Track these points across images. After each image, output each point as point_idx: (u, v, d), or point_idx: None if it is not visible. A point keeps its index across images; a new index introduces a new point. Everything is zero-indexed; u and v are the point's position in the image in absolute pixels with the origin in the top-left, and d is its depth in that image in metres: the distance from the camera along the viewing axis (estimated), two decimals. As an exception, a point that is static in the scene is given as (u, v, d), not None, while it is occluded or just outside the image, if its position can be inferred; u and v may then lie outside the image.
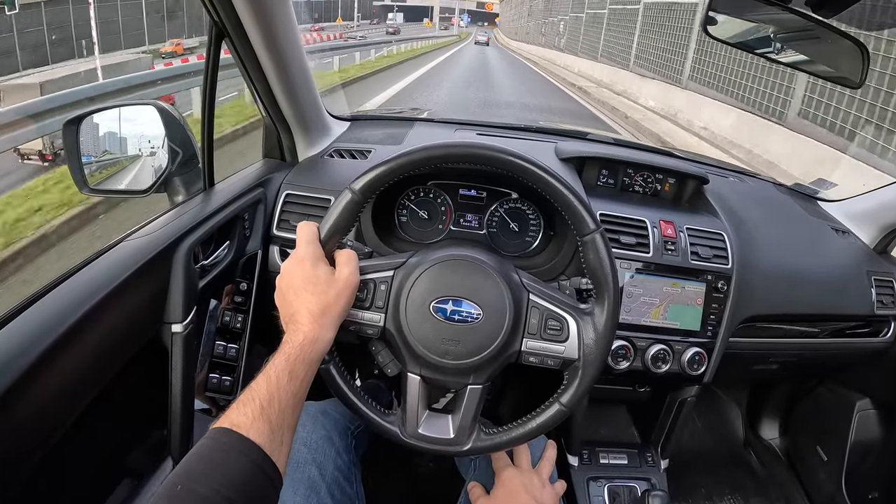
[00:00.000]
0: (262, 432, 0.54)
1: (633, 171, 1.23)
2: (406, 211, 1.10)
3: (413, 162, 0.73)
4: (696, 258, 1.05)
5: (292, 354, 0.61)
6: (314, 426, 0.90)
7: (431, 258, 0.74)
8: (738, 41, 0.96)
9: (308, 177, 1.11)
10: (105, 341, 0.70)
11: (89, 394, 0.69)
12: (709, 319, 1.06)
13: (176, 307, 0.80)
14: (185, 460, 0.51)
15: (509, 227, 1.10)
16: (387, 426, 0.75)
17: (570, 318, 0.74)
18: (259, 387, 0.58)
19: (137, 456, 0.84)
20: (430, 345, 0.71)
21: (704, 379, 1.07)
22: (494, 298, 0.72)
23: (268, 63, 0.95)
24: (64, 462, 0.68)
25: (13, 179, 4.93)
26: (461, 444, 0.74)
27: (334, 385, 0.74)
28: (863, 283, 1.22)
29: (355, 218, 0.74)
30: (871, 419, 1.42)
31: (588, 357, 0.73)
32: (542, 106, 10.49)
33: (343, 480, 0.86)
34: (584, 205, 0.73)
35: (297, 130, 1.14)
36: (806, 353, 1.26)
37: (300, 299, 0.66)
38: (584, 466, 1.26)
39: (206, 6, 0.84)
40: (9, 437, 0.58)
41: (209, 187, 1.00)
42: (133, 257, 0.76)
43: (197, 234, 0.85)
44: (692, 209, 1.19)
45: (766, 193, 1.46)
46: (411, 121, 1.49)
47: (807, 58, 0.96)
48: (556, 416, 0.73)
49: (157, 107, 0.96)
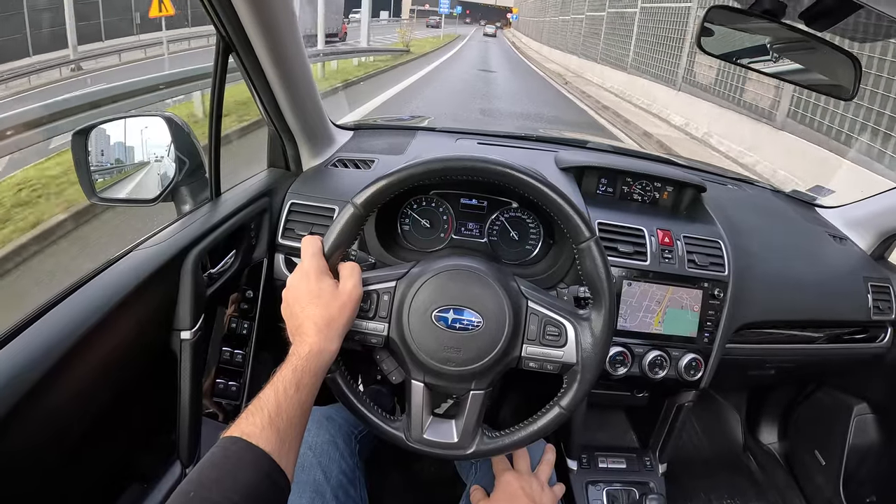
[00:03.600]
0: (271, 441, 0.56)
1: (631, 180, 1.25)
2: (408, 220, 1.12)
3: (413, 176, 0.75)
4: (692, 266, 1.07)
5: (299, 366, 0.64)
6: (319, 430, 0.92)
7: (432, 268, 0.76)
8: (730, 55, 0.98)
9: (312, 186, 1.14)
10: (116, 349, 0.72)
11: (100, 399, 0.71)
12: (705, 326, 1.07)
13: (185, 315, 0.82)
14: (198, 468, 0.53)
15: (509, 236, 1.12)
16: (392, 432, 0.77)
17: (568, 323, 0.76)
18: (267, 397, 0.60)
19: (146, 459, 0.86)
20: (433, 352, 0.73)
21: (701, 385, 1.09)
22: (494, 306, 0.74)
23: (273, 76, 0.97)
24: (75, 466, 0.70)
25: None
26: (465, 447, 0.76)
27: (340, 393, 0.76)
28: (860, 289, 1.23)
29: (358, 231, 0.76)
30: (869, 424, 1.43)
31: (586, 361, 0.75)
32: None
33: (347, 484, 0.88)
34: (578, 213, 0.75)
35: (301, 140, 1.16)
36: (803, 358, 1.27)
37: (306, 312, 0.68)
38: (583, 471, 1.28)
39: (214, 21, 0.86)
40: (24, 443, 0.60)
41: (216, 197, 1.02)
42: (143, 266, 0.78)
43: (204, 243, 0.87)
44: (690, 217, 1.21)
45: (763, 201, 1.48)
46: (413, 130, 1.51)
47: (799, 69, 0.98)
48: (557, 418, 0.75)
49: (165, 118, 0.98)
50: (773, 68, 0.99)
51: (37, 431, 0.61)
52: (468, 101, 10.36)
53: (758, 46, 0.99)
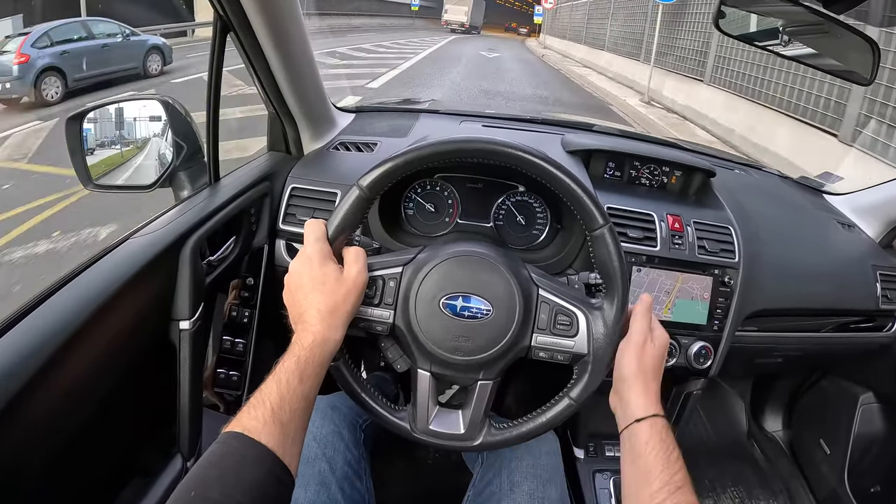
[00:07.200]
0: (274, 435, 0.54)
1: (639, 164, 1.22)
2: (413, 204, 1.10)
3: (421, 158, 0.72)
4: (703, 252, 1.05)
5: (302, 356, 0.61)
6: (324, 421, 0.90)
7: (441, 254, 0.73)
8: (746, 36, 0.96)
9: (314, 170, 1.11)
10: (114, 339, 0.70)
11: (99, 391, 0.69)
12: (715, 313, 1.06)
13: (183, 304, 0.80)
14: (198, 466, 0.51)
15: (516, 220, 1.09)
16: (397, 422, 0.75)
17: (580, 312, 0.73)
18: (269, 390, 0.58)
19: (147, 452, 0.84)
20: (441, 341, 0.71)
21: (710, 373, 1.07)
22: (504, 294, 0.71)
23: (273, 56, 0.94)
24: (74, 458, 0.68)
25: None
26: (472, 439, 0.75)
27: (344, 382, 0.74)
28: (868, 277, 1.22)
29: (363, 215, 0.73)
30: (875, 413, 1.43)
31: (598, 352, 0.73)
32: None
33: (353, 475, 0.86)
34: (593, 200, 0.73)
35: (302, 123, 1.13)
36: (810, 347, 1.26)
37: (309, 299, 0.66)
38: (591, 459, 1.27)
39: (212, 0, 0.83)
40: (22, 435, 0.58)
41: (214, 182, 0.99)
42: (140, 255, 0.75)
43: (203, 230, 0.85)
44: (699, 202, 1.18)
45: (772, 187, 1.45)
46: (416, 112, 1.48)
47: (815, 53, 0.95)
48: (566, 410, 0.73)
49: (162, 101, 0.95)
50: (788, 51, 0.96)
51: (34, 425, 0.59)
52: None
53: (773, 29, 0.96)
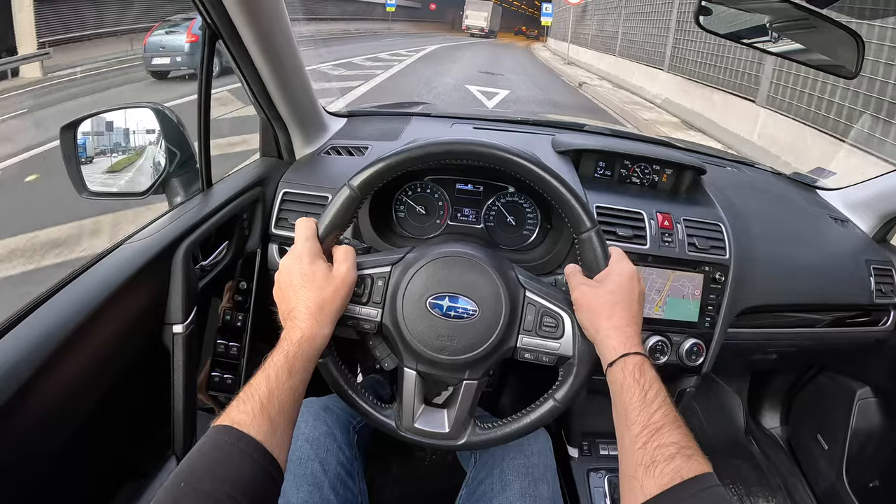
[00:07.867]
0: (263, 429, 0.55)
1: (630, 163, 1.22)
2: (403, 206, 1.11)
3: (412, 159, 0.74)
4: (693, 249, 1.05)
5: (291, 351, 0.62)
6: (316, 422, 0.91)
7: (428, 254, 0.74)
8: (730, 33, 0.96)
9: (306, 175, 1.12)
10: (108, 344, 0.71)
11: (93, 395, 0.70)
12: (706, 311, 1.06)
13: (176, 308, 0.81)
14: (188, 458, 0.52)
15: (506, 221, 1.10)
16: (383, 419, 0.76)
17: (566, 315, 0.74)
18: (258, 384, 0.59)
19: (141, 456, 0.85)
20: (427, 340, 0.72)
21: (703, 370, 1.08)
22: (490, 295, 0.72)
23: (262, 62, 0.95)
24: (69, 462, 0.69)
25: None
26: (456, 438, 0.75)
27: (331, 379, 0.75)
28: (862, 271, 1.22)
29: (354, 214, 0.75)
30: (872, 408, 1.43)
31: (582, 354, 0.73)
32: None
33: (346, 476, 0.87)
34: (580, 203, 0.74)
35: (293, 128, 1.14)
36: (805, 342, 1.26)
37: (298, 296, 0.67)
38: (585, 458, 1.27)
39: (199, 8, 0.84)
40: (16, 439, 0.59)
41: (207, 188, 1.00)
42: (133, 260, 0.76)
43: (195, 235, 0.86)
44: (690, 200, 1.18)
45: (763, 183, 1.45)
46: (407, 116, 1.49)
47: (801, 48, 0.96)
48: (551, 411, 0.74)
49: (154, 109, 0.96)
50: (774, 47, 0.97)
51: (28, 429, 0.60)
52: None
53: (758, 26, 0.96)
